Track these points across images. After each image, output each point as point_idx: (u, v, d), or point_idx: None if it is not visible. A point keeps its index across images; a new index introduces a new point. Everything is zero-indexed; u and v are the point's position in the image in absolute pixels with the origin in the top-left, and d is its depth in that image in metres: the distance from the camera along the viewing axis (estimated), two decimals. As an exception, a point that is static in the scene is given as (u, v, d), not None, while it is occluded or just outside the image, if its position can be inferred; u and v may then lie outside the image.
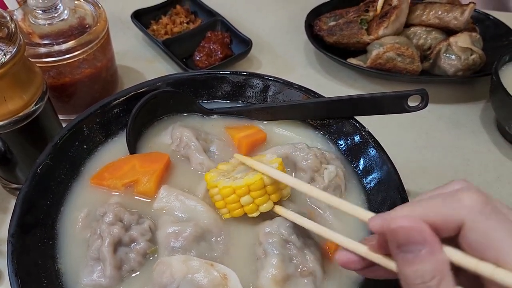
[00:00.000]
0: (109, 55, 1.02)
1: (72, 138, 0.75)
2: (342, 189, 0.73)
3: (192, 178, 0.75)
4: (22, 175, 0.86)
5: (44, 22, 0.91)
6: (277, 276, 0.60)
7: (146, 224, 0.67)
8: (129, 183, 0.73)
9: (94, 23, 0.95)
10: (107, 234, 0.63)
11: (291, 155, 0.74)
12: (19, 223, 0.63)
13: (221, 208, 0.69)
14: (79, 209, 0.70)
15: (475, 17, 1.23)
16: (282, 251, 0.62)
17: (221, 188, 0.67)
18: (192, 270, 0.60)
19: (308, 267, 0.62)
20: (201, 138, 0.78)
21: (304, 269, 0.62)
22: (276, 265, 0.61)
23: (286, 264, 0.62)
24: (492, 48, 1.16)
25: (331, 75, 1.20)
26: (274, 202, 0.68)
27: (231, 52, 1.19)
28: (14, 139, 0.79)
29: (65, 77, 0.94)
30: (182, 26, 1.26)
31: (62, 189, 0.72)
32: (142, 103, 0.77)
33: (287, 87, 0.84)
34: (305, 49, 1.28)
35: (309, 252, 0.64)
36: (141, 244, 0.65)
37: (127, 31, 1.30)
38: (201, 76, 0.86)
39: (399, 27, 1.15)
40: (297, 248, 0.63)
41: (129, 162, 0.75)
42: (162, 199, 0.70)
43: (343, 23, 1.19)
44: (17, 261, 0.60)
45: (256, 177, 0.66)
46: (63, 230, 0.69)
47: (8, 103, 0.73)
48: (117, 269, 0.63)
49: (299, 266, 0.62)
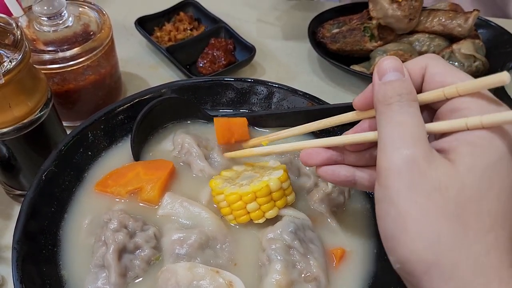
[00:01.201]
0: (113, 62, 1.03)
1: (76, 144, 0.75)
2: (346, 194, 0.73)
3: (194, 184, 0.75)
4: (26, 181, 0.86)
5: (49, 29, 0.91)
6: (281, 282, 0.60)
7: (151, 231, 0.67)
8: (133, 191, 0.73)
9: (98, 30, 0.96)
10: (112, 241, 0.63)
11: (295, 161, 0.74)
12: (24, 230, 0.63)
13: (226, 214, 0.69)
14: (83, 216, 0.71)
15: (478, 24, 1.23)
16: (286, 257, 0.62)
17: (227, 195, 0.67)
18: (197, 277, 0.60)
19: (312, 273, 0.62)
20: (202, 145, 0.78)
21: (308, 274, 0.62)
22: (280, 271, 0.61)
23: (290, 270, 0.62)
24: (494, 55, 1.16)
25: (334, 82, 1.20)
26: (279, 208, 0.68)
27: (235, 59, 1.19)
28: (19, 145, 0.79)
29: (69, 84, 0.94)
30: (185, 33, 1.26)
31: (66, 195, 0.72)
32: (147, 109, 0.77)
33: (291, 94, 0.84)
34: (309, 56, 1.28)
35: (313, 258, 0.64)
36: (146, 251, 0.65)
37: (130, 37, 1.30)
38: (205, 83, 0.86)
39: (412, 13, 1.13)
40: (301, 253, 0.63)
41: (133, 169, 0.75)
42: (166, 206, 0.70)
43: (346, 30, 1.20)
44: (21, 268, 0.60)
45: (263, 184, 0.66)
46: (67, 237, 0.69)
47: (13, 109, 0.73)
48: (122, 276, 0.63)
49: (303, 272, 0.62)
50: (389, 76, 0.48)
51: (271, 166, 0.72)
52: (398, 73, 0.48)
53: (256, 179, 0.69)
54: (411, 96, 0.47)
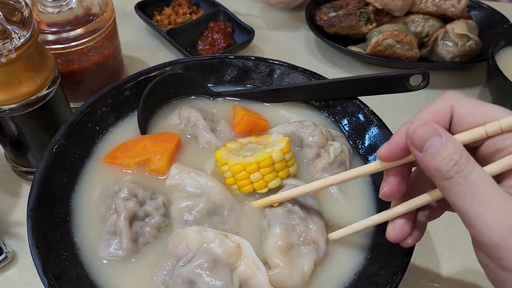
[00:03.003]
0: (115, 44, 1.05)
1: (85, 119, 0.77)
2: (347, 165, 0.76)
3: (200, 156, 0.78)
4: (33, 159, 0.88)
5: (52, 10, 0.93)
6: (280, 244, 0.62)
7: (160, 199, 0.69)
8: (141, 162, 0.75)
9: (101, 12, 0.98)
10: (123, 208, 0.66)
11: (298, 132, 0.77)
12: (37, 199, 0.65)
13: (231, 184, 0.71)
14: (94, 187, 0.73)
15: (470, 6, 1.27)
16: (285, 221, 0.64)
17: (231, 165, 0.70)
18: (207, 240, 0.61)
19: (311, 236, 0.64)
20: (208, 118, 0.81)
21: (307, 238, 0.64)
22: (279, 234, 0.63)
23: (289, 233, 0.63)
24: (487, 35, 1.19)
25: (332, 62, 1.23)
26: (282, 178, 0.71)
27: (234, 42, 1.22)
28: (27, 122, 0.81)
29: (74, 64, 0.96)
30: (185, 16, 1.28)
31: (77, 167, 0.74)
32: (153, 84, 0.79)
33: (292, 71, 0.87)
34: (306, 39, 1.31)
35: (312, 221, 0.66)
36: (156, 218, 0.67)
37: (131, 22, 1.32)
38: (208, 61, 0.88)
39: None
40: (300, 218, 0.65)
41: (141, 142, 0.77)
42: (174, 176, 0.73)
43: (343, 14, 1.22)
44: (36, 233, 0.62)
45: (266, 155, 0.68)
46: (79, 207, 0.71)
47: (23, 85, 0.75)
48: (133, 242, 0.65)
49: (302, 235, 0.64)
50: (430, 147, 0.45)
51: (273, 138, 0.75)
52: (436, 138, 0.45)
53: (259, 150, 0.71)
54: (464, 158, 0.44)
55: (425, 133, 0.45)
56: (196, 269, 0.58)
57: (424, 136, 0.45)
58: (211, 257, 0.59)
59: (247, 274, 0.59)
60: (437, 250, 0.83)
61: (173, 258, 0.62)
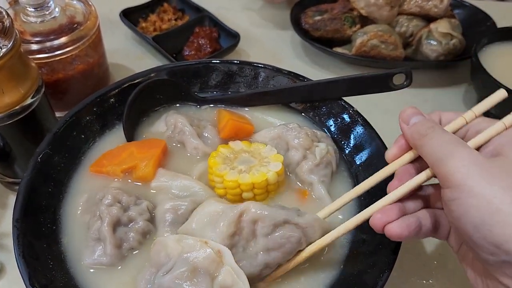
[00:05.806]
0: (100, 52, 1.04)
1: (70, 127, 0.77)
2: (334, 165, 0.76)
3: (187, 162, 0.78)
4: (19, 169, 0.87)
5: (35, 20, 0.92)
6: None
7: (144, 204, 0.69)
8: (128, 169, 0.75)
9: (84, 20, 0.97)
10: (106, 214, 0.66)
11: (283, 135, 0.77)
12: (23, 209, 0.65)
13: (221, 195, 0.72)
14: (80, 195, 0.73)
15: (453, 5, 1.28)
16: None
17: (226, 180, 0.70)
18: (187, 248, 0.60)
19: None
20: (194, 124, 0.81)
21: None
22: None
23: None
24: (471, 34, 1.20)
25: (318, 64, 1.24)
26: (270, 197, 0.74)
27: (220, 46, 1.22)
28: (12, 132, 0.80)
29: (59, 73, 0.96)
30: (170, 23, 1.28)
31: (63, 177, 0.74)
32: (137, 90, 0.79)
33: (277, 73, 0.88)
34: (292, 42, 1.31)
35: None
36: (140, 223, 0.67)
37: (116, 30, 1.32)
38: (193, 66, 0.89)
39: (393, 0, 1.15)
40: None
41: (127, 149, 0.77)
42: (159, 179, 0.73)
43: (328, 18, 1.22)
44: (22, 243, 0.61)
45: (262, 177, 0.70)
46: (65, 215, 0.71)
47: (6, 95, 0.75)
48: (117, 248, 0.65)
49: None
50: (414, 120, 0.58)
51: (267, 152, 0.75)
52: (420, 116, 0.59)
53: (254, 167, 0.72)
54: (437, 125, 0.56)
55: (411, 112, 0.59)
56: (176, 280, 0.57)
57: (410, 114, 0.59)
58: (191, 266, 0.58)
59: (228, 282, 0.57)
60: (426, 248, 0.83)
61: (154, 268, 0.62)
